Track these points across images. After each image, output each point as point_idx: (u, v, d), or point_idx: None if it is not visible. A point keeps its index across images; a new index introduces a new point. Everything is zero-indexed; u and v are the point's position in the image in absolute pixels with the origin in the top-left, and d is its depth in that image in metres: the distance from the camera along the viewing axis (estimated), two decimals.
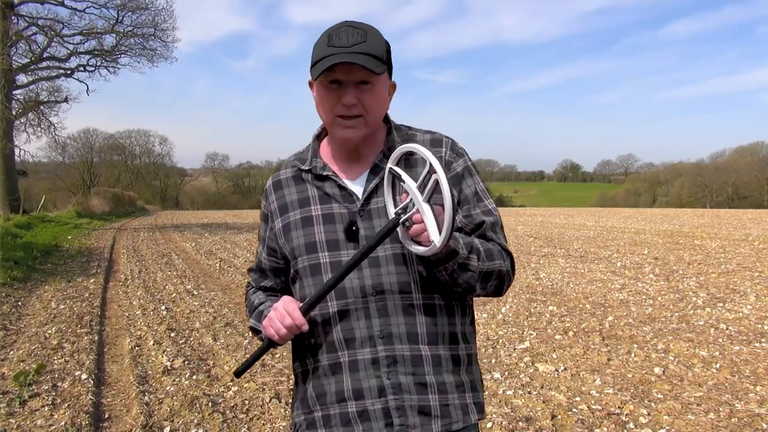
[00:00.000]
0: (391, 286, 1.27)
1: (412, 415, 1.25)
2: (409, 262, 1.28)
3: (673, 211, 33.10)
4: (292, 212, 1.35)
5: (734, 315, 6.12)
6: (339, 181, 1.32)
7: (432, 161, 1.13)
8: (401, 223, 1.18)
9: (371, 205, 1.30)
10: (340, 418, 1.28)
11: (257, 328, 1.36)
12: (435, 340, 1.29)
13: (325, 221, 1.31)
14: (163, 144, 57.99)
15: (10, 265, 9.02)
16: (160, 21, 23.66)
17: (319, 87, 1.27)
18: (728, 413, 3.61)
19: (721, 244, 12.73)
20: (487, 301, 7.02)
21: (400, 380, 1.25)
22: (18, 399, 3.87)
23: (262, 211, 1.43)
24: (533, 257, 11.07)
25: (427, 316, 1.28)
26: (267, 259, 1.42)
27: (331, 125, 1.29)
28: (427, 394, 1.27)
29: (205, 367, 4.60)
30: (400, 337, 1.26)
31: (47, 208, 26.75)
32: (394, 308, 1.27)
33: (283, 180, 1.39)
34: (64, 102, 24.04)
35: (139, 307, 6.89)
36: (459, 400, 1.31)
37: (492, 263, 1.28)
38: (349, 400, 1.27)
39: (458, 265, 1.22)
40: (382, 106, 1.31)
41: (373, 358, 1.26)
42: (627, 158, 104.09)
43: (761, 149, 58.78)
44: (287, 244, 1.34)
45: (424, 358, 1.27)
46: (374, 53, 1.23)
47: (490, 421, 3.50)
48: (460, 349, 1.33)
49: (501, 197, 74.42)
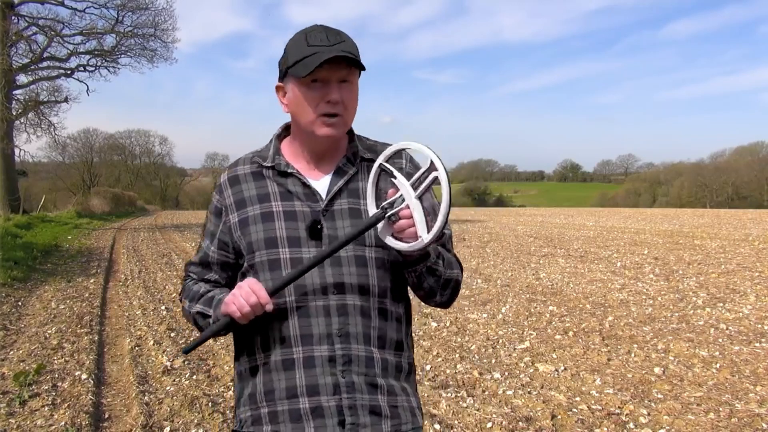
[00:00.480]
0: (352, 286, 1.29)
1: (363, 414, 1.27)
2: (369, 265, 1.30)
3: (673, 211, 33.10)
4: (251, 207, 1.34)
5: (734, 315, 6.12)
6: (303, 179, 1.33)
7: (433, 158, 1.16)
8: (387, 217, 1.20)
9: (335, 206, 1.32)
10: (289, 414, 1.27)
11: (205, 313, 1.33)
12: (384, 345, 1.32)
13: (287, 218, 1.31)
14: (163, 144, 57.97)
15: (10, 265, 9.02)
16: (160, 21, 23.68)
17: (301, 87, 1.27)
18: (728, 413, 3.61)
19: (721, 244, 12.73)
20: (487, 300, 7.02)
21: (354, 379, 1.27)
22: (18, 399, 3.87)
23: (215, 206, 1.40)
24: (533, 257, 11.07)
25: (380, 319, 1.32)
26: (217, 253, 1.39)
27: (312, 124, 1.29)
28: (377, 394, 1.29)
29: (205, 367, 4.60)
30: (356, 337, 1.28)
31: (47, 208, 26.75)
32: (353, 308, 1.29)
33: (241, 175, 1.38)
34: (64, 102, 24.06)
35: (139, 307, 6.89)
36: (407, 403, 1.34)
37: (452, 271, 1.35)
38: (301, 396, 1.27)
39: (427, 269, 1.28)
40: (356, 106, 1.34)
41: (330, 355, 1.27)
42: (627, 158, 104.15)
43: (761, 149, 58.83)
44: (243, 238, 1.33)
45: (375, 360, 1.30)
46: (354, 53, 1.25)
47: (490, 421, 3.50)
48: (403, 356, 1.37)
49: (501, 197, 74.44)
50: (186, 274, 1.48)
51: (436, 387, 4.10)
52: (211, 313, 1.32)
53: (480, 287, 7.92)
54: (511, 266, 9.89)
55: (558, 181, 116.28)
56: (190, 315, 1.39)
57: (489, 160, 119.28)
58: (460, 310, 6.50)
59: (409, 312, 1.41)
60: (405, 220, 1.19)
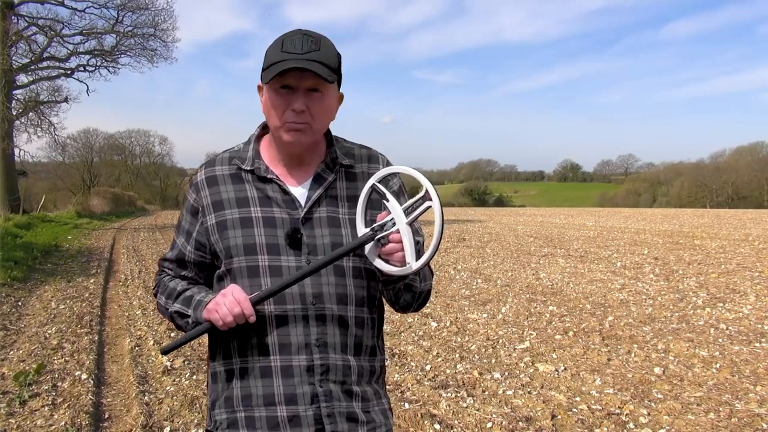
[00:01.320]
0: (330, 296, 1.30)
1: (341, 421, 1.29)
2: (347, 275, 1.32)
3: (673, 211, 33.10)
4: (229, 210, 1.32)
5: (734, 315, 6.12)
6: (283, 186, 1.33)
7: (429, 188, 1.18)
8: (376, 239, 1.22)
9: (314, 213, 1.32)
10: (266, 421, 1.28)
11: (183, 312, 1.33)
12: (360, 352, 1.35)
13: (266, 224, 1.30)
14: (163, 144, 57.88)
15: (10, 265, 9.02)
16: (160, 21, 23.69)
17: (270, 91, 1.28)
18: (728, 413, 3.61)
19: (721, 244, 12.73)
20: (488, 300, 7.02)
21: (331, 388, 1.29)
22: (18, 399, 3.87)
23: (191, 204, 1.38)
24: (533, 257, 11.07)
25: (357, 328, 1.34)
26: (193, 253, 1.38)
27: (278, 129, 1.29)
28: (353, 401, 1.32)
29: (205, 367, 4.60)
30: (334, 347, 1.30)
31: (47, 208, 26.74)
32: (331, 318, 1.30)
33: (219, 176, 1.36)
34: (64, 102, 24.06)
35: (139, 307, 6.89)
36: (379, 407, 1.37)
37: (426, 284, 1.39)
38: (279, 404, 1.27)
39: (404, 286, 1.32)
40: (329, 116, 1.33)
41: (309, 365, 1.28)
42: (627, 158, 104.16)
43: (761, 149, 58.81)
44: (221, 242, 1.32)
45: (351, 368, 1.32)
46: (326, 62, 1.25)
47: (490, 421, 3.50)
48: (376, 360, 1.40)
49: (501, 197, 74.42)
50: (160, 269, 1.46)
51: (436, 387, 4.10)
52: (190, 313, 1.31)
53: (480, 287, 7.92)
54: (511, 266, 9.89)
55: (558, 181, 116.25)
56: (167, 313, 1.39)
57: (489, 160, 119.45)
58: (460, 310, 6.51)
59: (383, 317, 1.44)
60: (394, 244, 1.20)
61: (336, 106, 1.36)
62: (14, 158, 23.06)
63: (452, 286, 8.00)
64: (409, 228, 1.19)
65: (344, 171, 1.37)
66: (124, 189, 42.21)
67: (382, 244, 1.22)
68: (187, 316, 1.33)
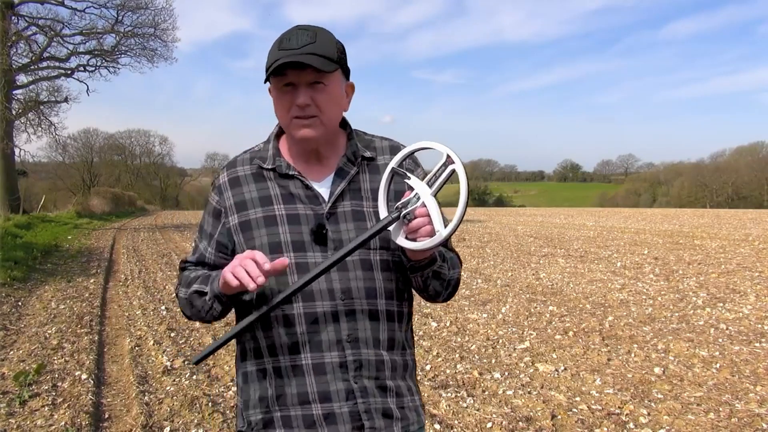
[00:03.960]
0: (359, 291, 1.28)
1: (377, 417, 1.28)
2: (375, 269, 1.30)
3: (673, 211, 33.10)
4: (252, 210, 1.32)
5: (734, 315, 6.12)
6: (306, 182, 1.32)
7: (449, 152, 1.17)
8: (403, 216, 1.19)
9: (338, 208, 1.31)
10: (303, 420, 1.27)
11: (201, 290, 1.30)
12: (393, 346, 1.34)
13: (290, 221, 1.29)
14: (163, 144, 57.91)
15: (10, 265, 9.02)
16: (159, 21, 23.64)
17: (275, 90, 1.29)
18: (728, 413, 3.61)
19: (721, 244, 12.73)
20: (487, 300, 7.02)
21: (365, 384, 1.28)
22: (18, 399, 3.87)
23: (214, 207, 1.37)
24: (533, 257, 11.07)
25: (388, 322, 1.33)
26: (215, 255, 1.37)
27: (288, 127, 1.30)
28: (387, 397, 1.31)
29: (205, 367, 4.60)
30: (366, 342, 1.29)
31: (47, 208, 26.73)
32: (361, 313, 1.29)
33: (242, 177, 1.36)
34: (64, 102, 24.03)
35: (139, 307, 6.89)
36: (412, 403, 1.36)
37: (454, 272, 1.37)
38: (313, 402, 1.27)
39: (433, 273, 1.30)
40: (338, 106, 1.32)
41: (341, 361, 1.27)
42: (627, 158, 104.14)
43: (761, 149, 58.76)
44: (246, 243, 1.31)
45: (385, 363, 1.31)
46: (323, 53, 1.24)
47: (490, 421, 3.50)
48: (407, 354, 1.39)
49: (501, 197, 74.41)
50: (182, 268, 1.45)
51: (436, 387, 4.10)
52: (207, 289, 1.29)
53: (480, 287, 7.92)
54: (511, 266, 9.89)
55: (558, 181, 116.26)
56: (187, 299, 1.35)
57: (489, 160, 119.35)
58: (460, 310, 6.51)
59: (411, 309, 1.42)
60: (421, 218, 1.17)
61: (345, 96, 1.34)
62: (14, 158, 23.04)
63: None
64: (434, 199, 1.17)
65: (366, 164, 1.36)
66: (124, 189, 42.21)
67: (408, 221, 1.19)
68: (204, 294, 1.30)
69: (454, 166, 1.16)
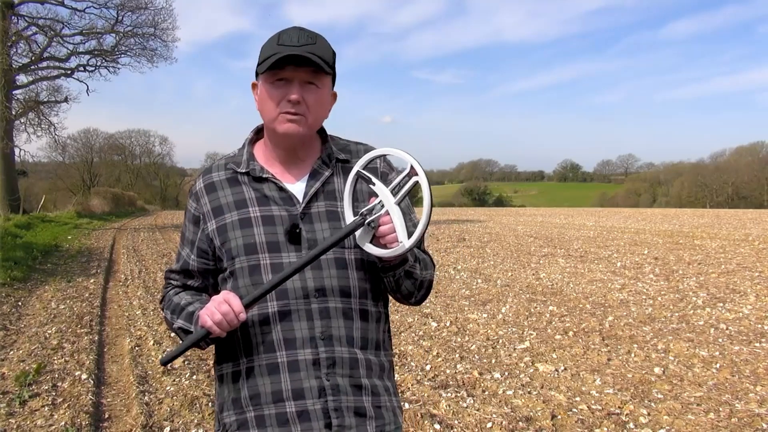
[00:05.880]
0: (333, 289, 1.30)
1: (348, 416, 1.28)
2: (349, 267, 1.31)
3: (673, 211, 33.10)
4: (228, 213, 1.33)
5: (734, 315, 6.12)
6: (279, 183, 1.33)
7: (413, 163, 1.18)
8: (366, 223, 1.21)
9: (312, 209, 1.32)
10: (276, 419, 1.27)
11: (186, 329, 1.33)
12: (366, 345, 1.34)
13: (265, 223, 1.31)
14: (163, 144, 57.86)
15: (10, 265, 9.02)
16: (159, 21, 23.68)
17: (266, 84, 1.29)
18: (728, 413, 3.61)
19: (721, 244, 12.73)
20: (487, 300, 7.02)
21: (338, 382, 1.28)
22: (18, 399, 3.87)
23: (192, 213, 1.39)
24: (533, 257, 11.06)
25: (362, 321, 1.33)
26: (196, 261, 1.39)
27: (273, 121, 1.30)
28: (362, 396, 1.31)
29: (205, 367, 4.60)
30: (339, 340, 1.29)
31: (47, 208, 26.73)
32: (335, 311, 1.29)
33: (217, 182, 1.37)
34: (64, 102, 24.07)
35: (139, 307, 6.89)
36: (389, 403, 1.36)
37: (427, 272, 1.38)
38: (287, 400, 1.27)
39: (405, 273, 1.31)
40: (324, 110, 1.34)
41: (315, 359, 1.27)
42: (627, 158, 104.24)
43: (761, 149, 58.76)
44: (223, 246, 1.33)
45: (359, 361, 1.31)
46: (322, 56, 1.26)
47: (490, 421, 3.50)
48: (383, 355, 1.39)
49: (501, 197, 74.38)
50: (167, 282, 1.47)
51: (436, 387, 4.10)
52: (192, 329, 1.31)
53: (480, 287, 7.92)
54: (511, 266, 9.89)
55: (558, 181, 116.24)
56: (173, 329, 1.40)
57: (489, 160, 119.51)
58: (460, 310, 6.51)
59: (387, 310, 1.43)
60: (385, 226, 1.20)
61: (330, 102, 1.36)
62: (14, 158, 23.06)
63: (452, 286, 8.00)
64: (398, 208, 1.19)
65: (340, 166, 1.37)
66: (124, 189, 42.23)
67: (373, 228, 1.21)
68: (190, 331, 1.33)
69: (417, 178, 1.17)
